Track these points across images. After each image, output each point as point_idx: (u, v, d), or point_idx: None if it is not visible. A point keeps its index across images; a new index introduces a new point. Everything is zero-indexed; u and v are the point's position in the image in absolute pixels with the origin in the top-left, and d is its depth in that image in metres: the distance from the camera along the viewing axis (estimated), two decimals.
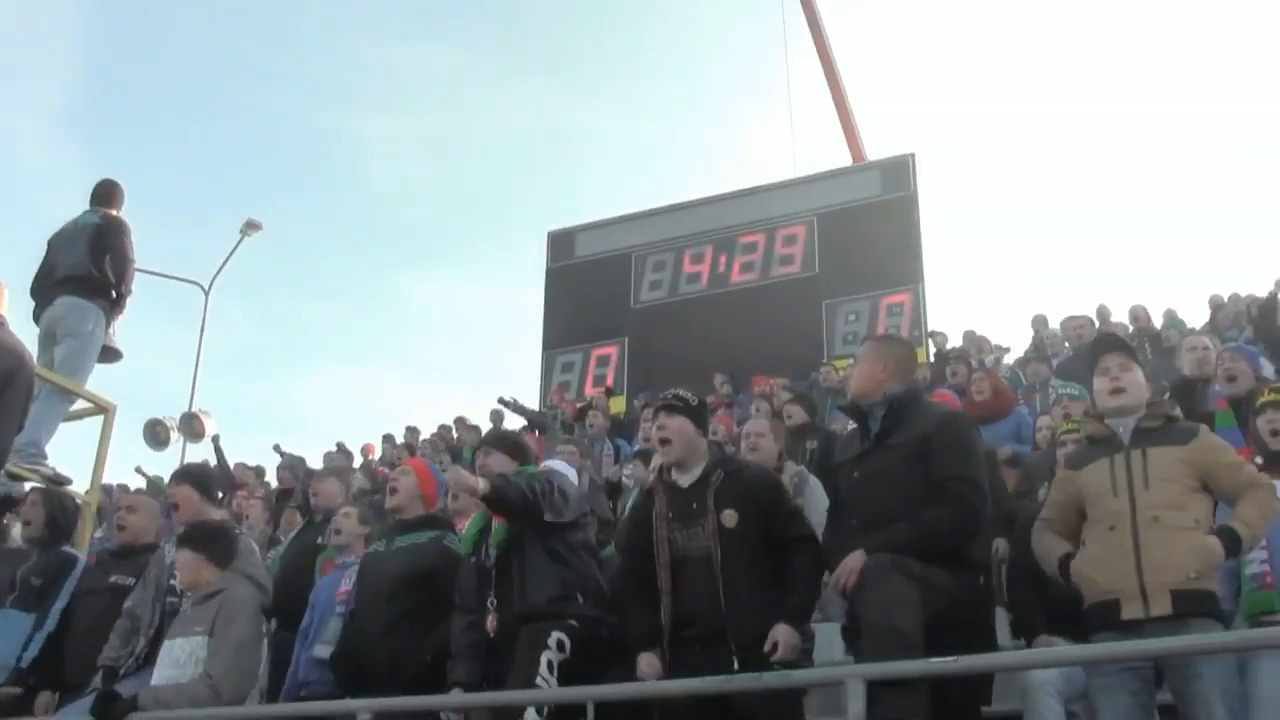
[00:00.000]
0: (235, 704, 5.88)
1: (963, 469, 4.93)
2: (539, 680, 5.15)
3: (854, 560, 4.68)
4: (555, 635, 5.32)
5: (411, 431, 17.24)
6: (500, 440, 6.58)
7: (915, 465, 4.93)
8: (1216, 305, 14.42)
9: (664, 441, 5.40)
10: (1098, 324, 13.42)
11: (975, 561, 4.99)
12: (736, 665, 4.88)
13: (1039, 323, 15.10)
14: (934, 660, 4.21)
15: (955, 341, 15.77)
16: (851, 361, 5.68)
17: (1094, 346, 5.47)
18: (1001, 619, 6.23)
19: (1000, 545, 6.60)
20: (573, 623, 5.43)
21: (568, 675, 5.25)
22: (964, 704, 4.95)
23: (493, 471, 5.74)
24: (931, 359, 14.94)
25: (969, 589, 4.88)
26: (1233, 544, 4.48)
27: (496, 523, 5.81)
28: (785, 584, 5.12)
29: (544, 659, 5.22)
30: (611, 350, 20.15)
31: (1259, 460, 5.35)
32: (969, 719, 5.11)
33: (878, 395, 5.16)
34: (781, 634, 4.88)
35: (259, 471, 16.13)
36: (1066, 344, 12.91)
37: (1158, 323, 13.88)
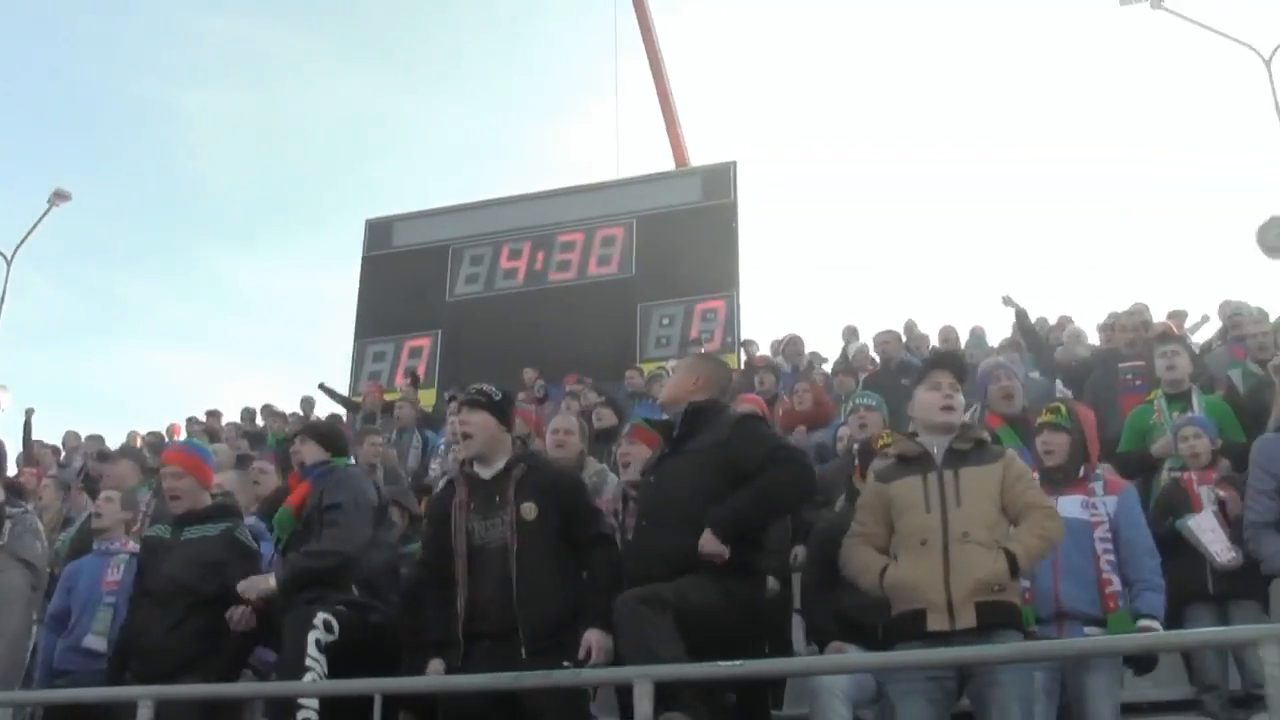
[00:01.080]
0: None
1: (776, 443, 5.25)
2: (308, 661, 5.21)
3: (710, 543, 4.85)
4: (321, 616, 5.39)
5: (213, 415, 16.81)
6: (314, 430, 6.52)
7: (710, 469, 5.07)
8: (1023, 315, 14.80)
9: (466, 435, 5.46)
10: (905, 339, 13.83)
11: (766, 569, 5.12)
12: (524, 655, 4.96)
13: (849, 334, 15.39)
14: (720, 664, 4.31)
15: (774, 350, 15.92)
16: (662, 366, 5.80)
17: (930, 360, 5.63)
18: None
19: (798, 552, 6.74)
20: (340, 607, 5.49)
21: (337, 658, 5.29)
22: (754, 708, 5.09)
23: (267, 587, 5.74)
24: (741, 367, 15.15)
25: (738, 598, 4.98)
26: (1013, 564, 4.67)
27: (282, 509, 5.94)
28: (587, 584, 5.21)
29: (311, 639, 5.28)
30: (424, 342, 19.95)
31: (1034, 476, 5.57)
32: (758, 716, 5.24)
33: (684, 404, 5.27)
34: (594, 639, 4.94)
35: (55, 450, 15.56)
36: (875, 357, 13.22)
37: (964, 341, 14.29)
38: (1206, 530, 6.20)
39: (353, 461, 6.27)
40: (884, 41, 52.93)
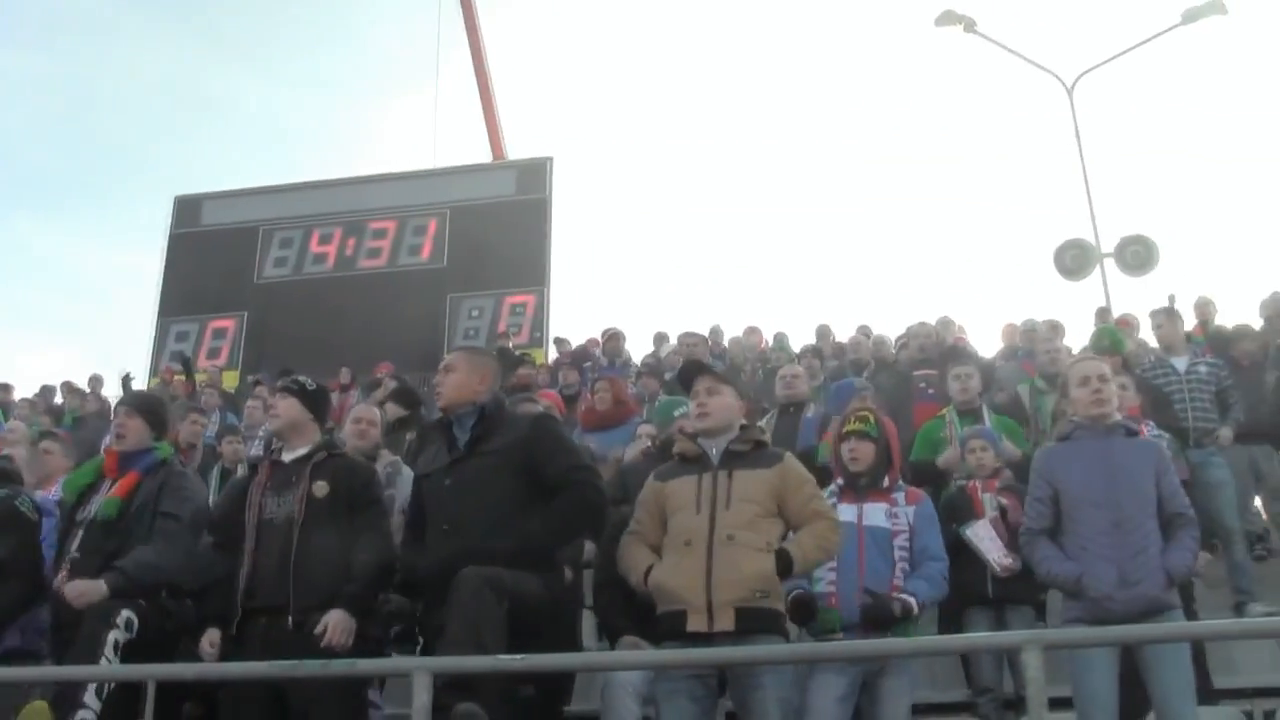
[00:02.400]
0: None
1: (573, 460, 5.16)
2: (102, 660, 5.05)
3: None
4: (125, 614, 5.23)
5: (3, 389, 16.15)
6: (144, 405, 6.25)
7: (509, 471, 5.03)
8: (822, 334, 15.16)
9: (273, 417, 5.56)
10: (711, 343, 14.00)
11: (560, 564, 5.12)
12: (291, 624, 4.96)
13: (659, 339, 15.49)
14: (502, 657, 4.31)
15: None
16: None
17: (682, 372, 5.69)
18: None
19: (590, 548, 6.77)
20: (142, 602, 5.34)
21: (131, 658, 5.14)
22: (544, 701, 5.10)
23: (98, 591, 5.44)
24: (550, 363, 15.17)
25: (553, 591, 5.00)
26: (785, 566, 4.74)
27: (110, 495, 5.68)
28: (350, 570, 5.15)
29: (110, 638, 5.13)
30: (229, 323, 19.58)
31: (840, 482, 5.71)
32: (549, 716, 5.24)
33: (469, 405, 5.25)
34: (333, 618, 4.90)
35: None
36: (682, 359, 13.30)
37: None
38: (985, 537, 6.39)
39: (171, 450, 6.07)
40: (705, 46, 53.44)
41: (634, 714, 5.44)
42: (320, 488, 5.24)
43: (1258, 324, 11.29)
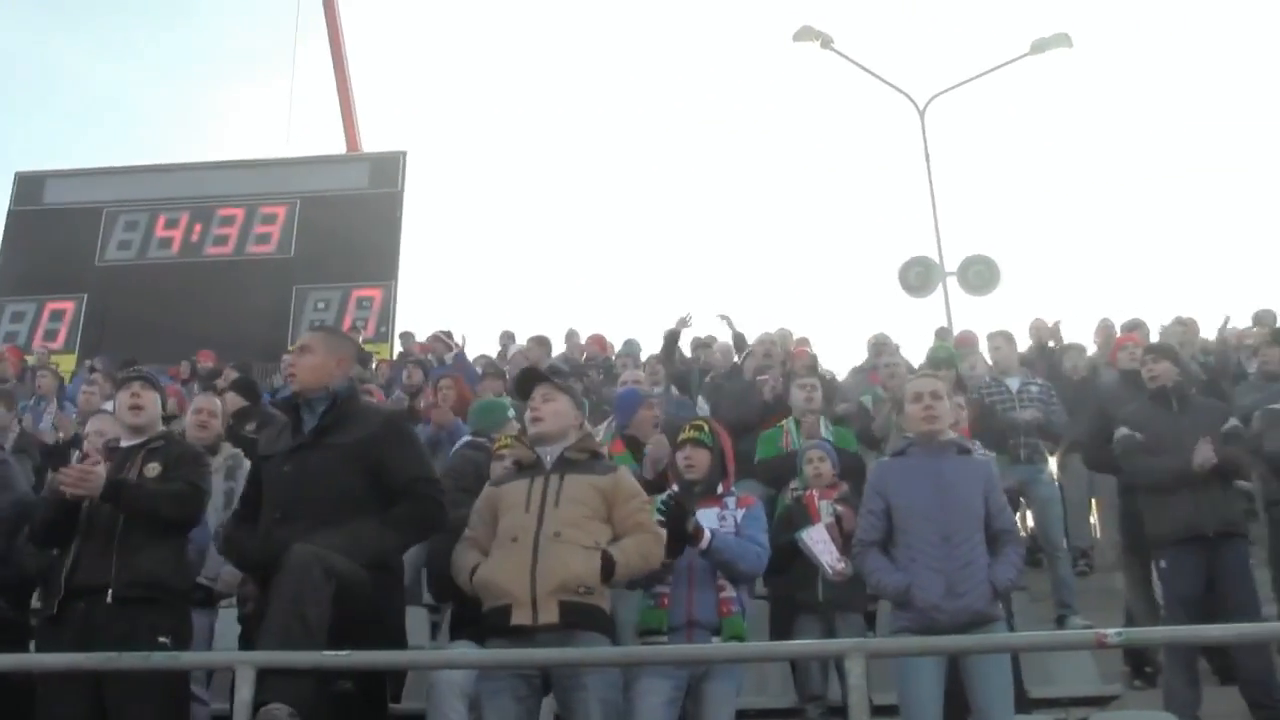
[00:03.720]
0: None
1: (421, 469, 5.08)
2: None
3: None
4: None
5: None
6: None
7: (353, 466, 4.94)
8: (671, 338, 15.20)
9: (136, 409, 5.53)
10: (564, 346, 14.09)
11: (392, 563, 5.08)
12: (110, 599, 4.96)
13: (506, 338, 15.47)
14: (326, 653, 4.27)
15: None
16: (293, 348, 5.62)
17: (518, 380, 5.71)
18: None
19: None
20: None
21: None
22: (365, 697, 5.05)
23: None
24: (395, 358, 15.05)
25: (382, 588, 4.91)
26: (607, 569, 4.77)
27: None
28: None
29: None
30: (68, 305, 19.05)
31: (675, 487, 5.76)
32: (375, 714, 5.20)
33: (323, 389, 5.16)
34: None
35: None
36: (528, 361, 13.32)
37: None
38: (819, 542, 6.49)
39: None
40: (565, 46, 53.38)
41: (460, 714, 5.43)
42: (152, 469, 5.27)
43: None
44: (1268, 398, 7.45)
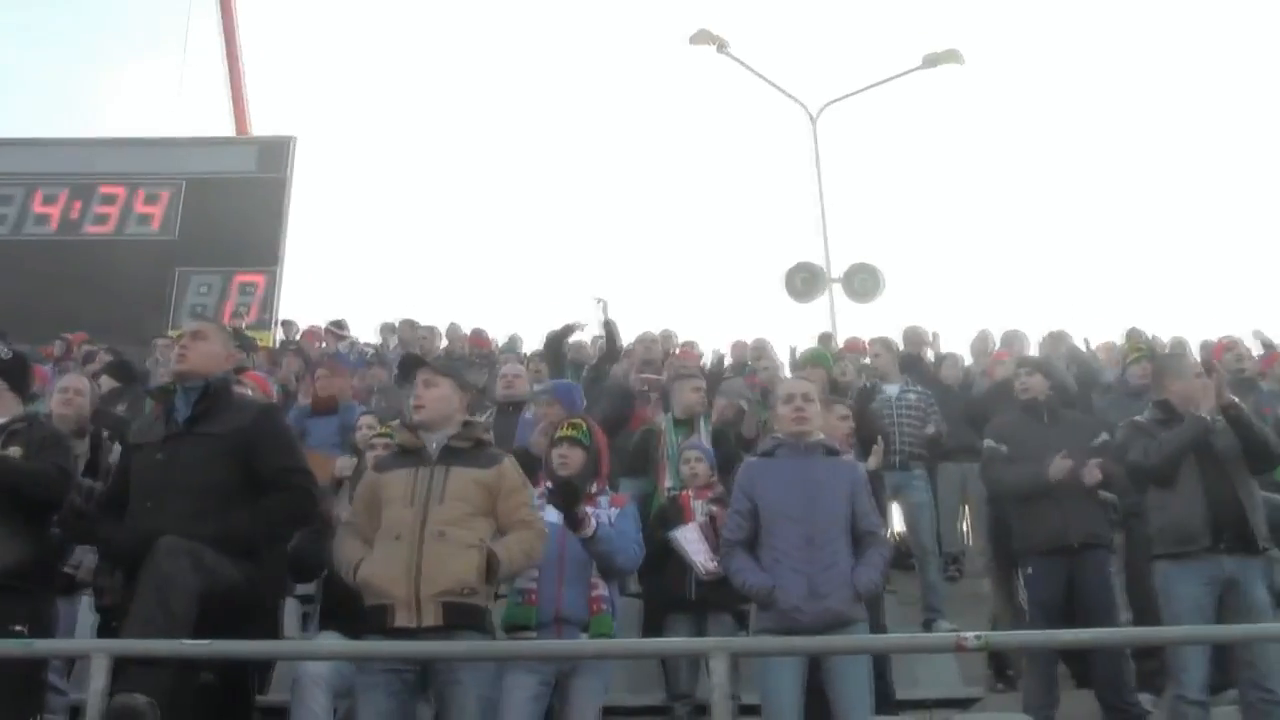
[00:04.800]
0: None
1: (293, 461, 5.12)
2: None
3: None
4: None
5: None
6: None
7: (226, 456, 4.94)
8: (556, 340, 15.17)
9: None
10: (446, 341, 14.02)
11: (261, 560, 5.03)
12: None
13: (386, 330, 15.31)
14: (185, 643, 4.23)
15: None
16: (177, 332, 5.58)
17: (402, 366, 5.69)
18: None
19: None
20: None
21: None
22: (227, 689, 5.01)
23: None
24: (276, 345, 14.87)
25: (254, 582, 4.90)
26: (492, 566, 4.78)
27: None
28: None
29: None
30: None
31: (549, 485, 5.75)
32: (238, 706, 5.16)
33: (202, 378, 5.11)
34: None
35: None
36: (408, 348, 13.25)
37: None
38: (692, 541, 6.53)
39: None
40: (460, 40, 53.02)
41: (323, 706, 5.39)
42: (15, 451, 5.17)
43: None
44: (1132, 411, 7.63)
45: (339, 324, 14.37)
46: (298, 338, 14.98)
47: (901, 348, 10.93)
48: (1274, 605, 7.00)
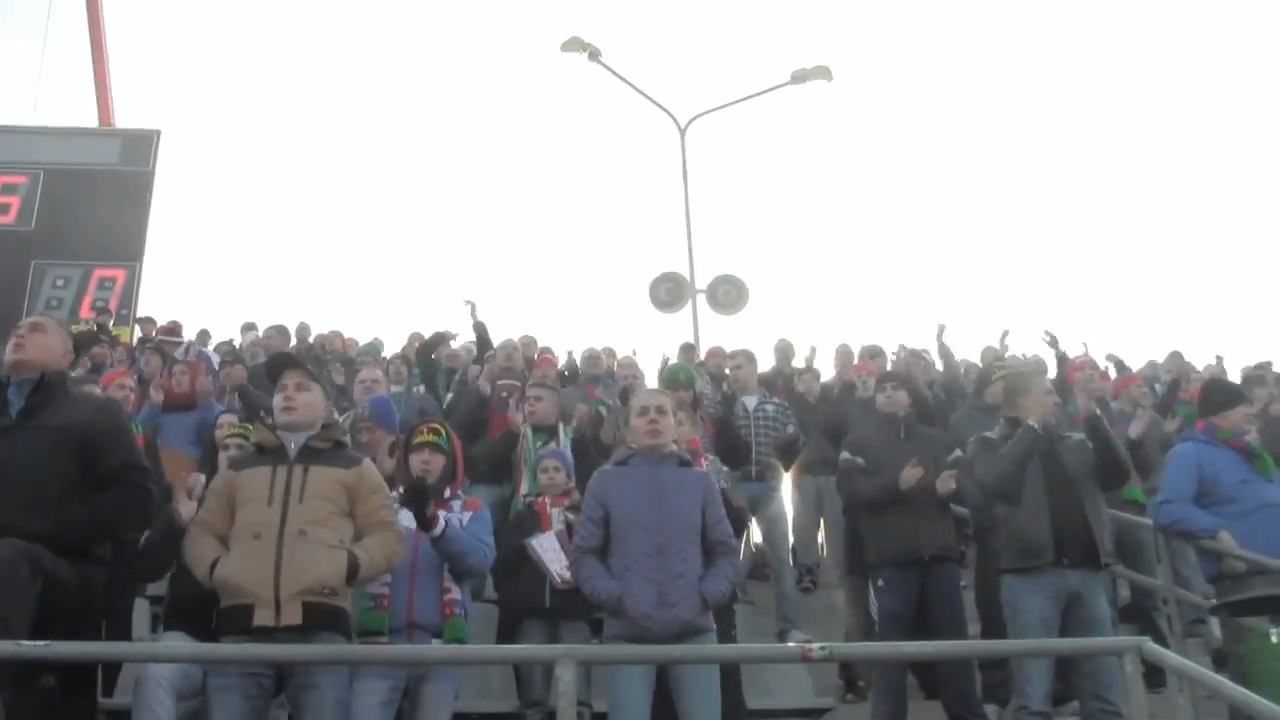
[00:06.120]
0: None
1: (132, 457, 5.01)
2: None
3: None
4: None
5: None
6: None
7: (63, 450, 4.82)
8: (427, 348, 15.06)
9: None
10: (310, 340, 13.84)
11: (98, 556, 4.93)
12: None
13: (247, 328, 15.08)
14: (25, 644, 4.12)
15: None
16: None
17: (269, 364, 5.61)
18: None
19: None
20: None
21: None
22: (68, 692, 4.89)
23: None
24: (134, 342, 14.57)
25: (89, 582, 4.80)
26: (351, 569, 4.75)
27: None
28: None
29: None
30: None
31: (401, 490, 5.70)
32: (80, 710, 5.05)
33: (38, 371, 4.99)
34: None
35: None
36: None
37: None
38: (549, 550, 6.53)
39: None
40: (330, 37, 52.36)
41: (167, 708, 5.27)
42: None
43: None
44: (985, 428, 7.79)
45: (171, 326, 14.09)
46: (154, 334, 14.65)
47: (773, 361, 11.06)
48: (1116, 619, 7.25)
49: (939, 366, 12.85)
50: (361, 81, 52.16)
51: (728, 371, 10.62)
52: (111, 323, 15.38)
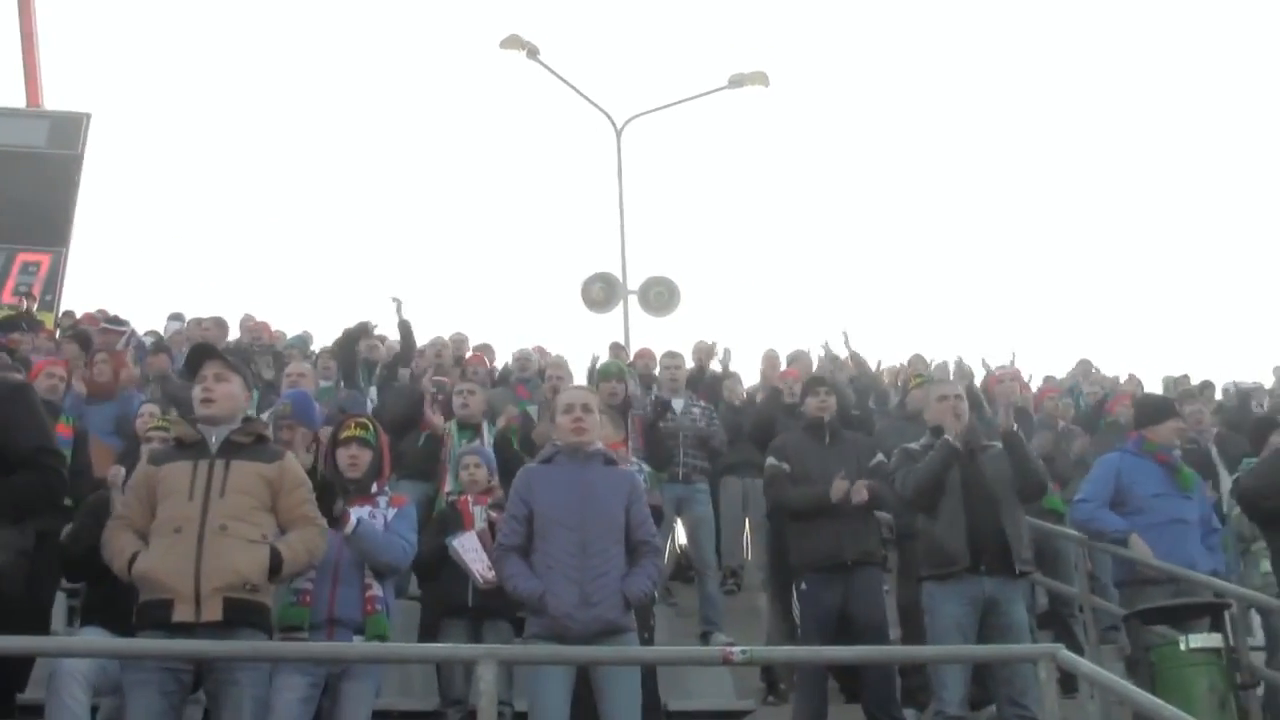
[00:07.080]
0: None
1: (45, 440, 4.96)
2: None
3: None
4: None
5: None
6: None
7: None
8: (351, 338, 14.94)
9: None
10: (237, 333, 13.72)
11: (19, 546, 4.86)
12: None
13: (175, 318, 14.88)
14: None
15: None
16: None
17: (190, 356, 5.56)
18: None
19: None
20: None
21: None
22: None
23: None
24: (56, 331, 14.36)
25: (16, 567, 4.77)
26: (274, 564, 4.71)
27: None
28: None
29: None
30: None
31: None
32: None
33: None
34: None
35: None
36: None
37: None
38: (470, 550, 6.52)
39: None
40: (263, 26, 51.90)
41: (80, 703, 5.21)
42: None
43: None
44: (908, 434, 7.85)
45: (114, 320, 13.90)
46: (75, 322, 14.45)
47: (690, 363, 11.07)
48: (1035, 625, 7.35)
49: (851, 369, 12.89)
50: (297, 72, 52.00)
51: (657, 373, 10.64)
52: (35, 307, 15.14)
